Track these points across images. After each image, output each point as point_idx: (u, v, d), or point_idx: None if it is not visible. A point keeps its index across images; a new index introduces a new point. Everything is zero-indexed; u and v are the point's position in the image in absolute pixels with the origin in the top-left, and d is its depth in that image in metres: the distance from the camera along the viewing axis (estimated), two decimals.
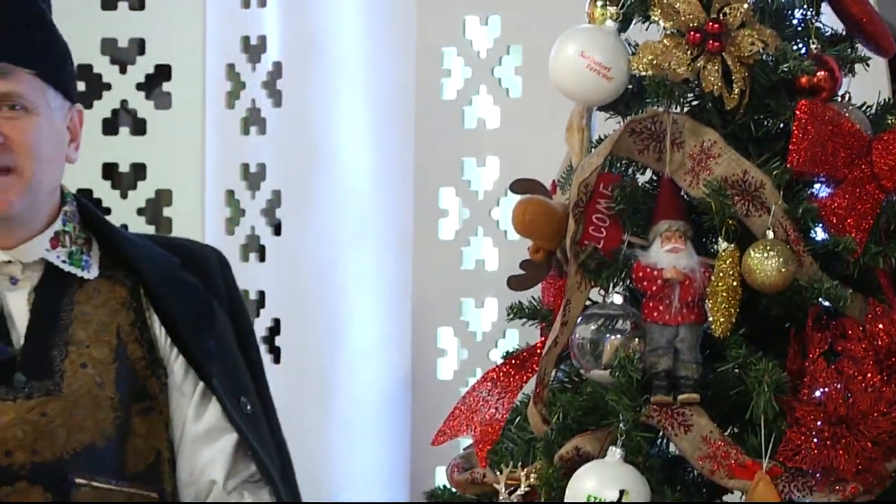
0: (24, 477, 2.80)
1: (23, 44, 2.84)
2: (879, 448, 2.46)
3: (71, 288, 2.91)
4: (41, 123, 2.84)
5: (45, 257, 2.90)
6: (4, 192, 2.82)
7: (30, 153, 2.82)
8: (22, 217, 2.86)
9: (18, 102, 2.82)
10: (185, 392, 2.93)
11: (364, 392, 3.74)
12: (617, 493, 2.50)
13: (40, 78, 2.85)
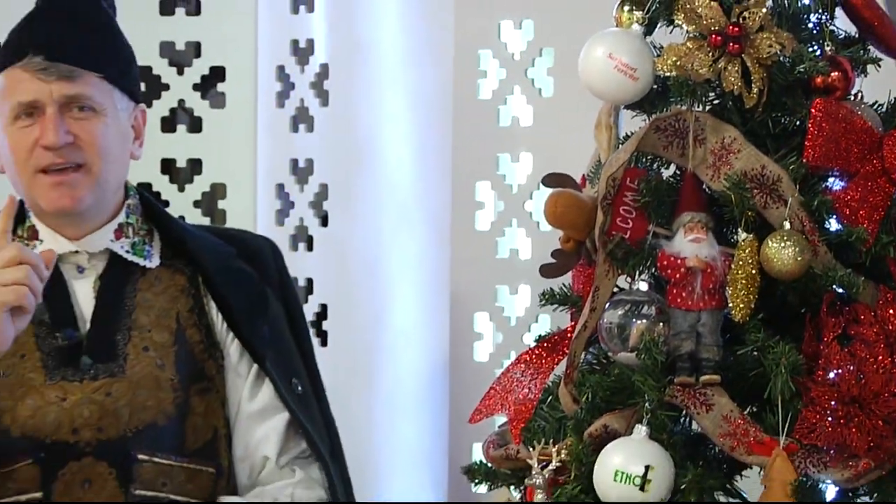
0: (91, 453, 2.81)
1: (92, 48, 2.85)
2: (890, 426, 2.46)
3: (134, 276, 2.92)
4: (108, 124, 2.85)
5: (110, 247, 2.91)
6: (74, 189, 2.83)
7: (98, 152, 2.83)
8: (90, 211, 2.88)
9: (87, 104, 2.82)
10: (240, 373, 2.94)
11: (405, 373, 3.74)
12: (643, 468, 2.50)
13: (107, 81, 2.85)
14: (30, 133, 2.81)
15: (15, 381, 2.83)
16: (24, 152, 2.82)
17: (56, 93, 2.80)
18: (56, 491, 2.80)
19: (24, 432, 2.82)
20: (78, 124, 2.82)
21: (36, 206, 2.88)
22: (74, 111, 2.82)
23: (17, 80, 2.81)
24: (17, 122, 2.82)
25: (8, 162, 2.86)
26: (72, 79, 2.81)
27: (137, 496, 2.82)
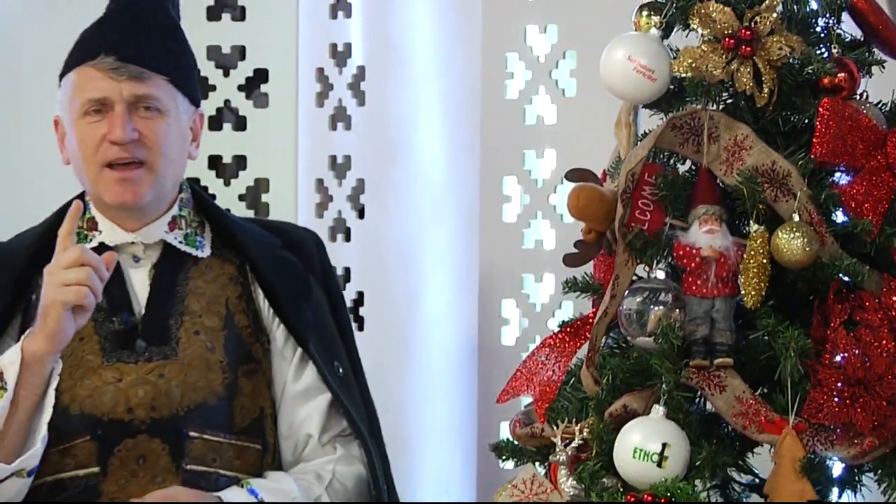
0: (145, 430, 2.82)
1: (160, 52, 2.86)
2: (893, 406, 2.46)
3: (186, 265, 2.93)
4: (170, 124, 2.86)
5: (165, 238, 2.92)
6: (137, 185, 2.85)
7: (159, 150, 2.85)
8: (149, 207, 2.89)
9: (153, 104, 2.84)
10: (285, 356, 2.94)
11: (437, 356, 3.75)
12: (660, 446, 2.50)
13: (172, 84, 2.87)
14: (98, 128, 2.82)
15: (74, 363, 2.85)
16: (92, 146, 2.83)
17: (126, 92, 2.81)
18: (112, 466, 2.81)
19: (82, 411, 2.83)
20: (143, 123, 2.83)
21: (98, 198, 2.89)
22: (141, 110, 2.83)
23: (89, 78, 2.83)
24: (85, 117, 2.83)
25: (75, 154, 2.87)
26: (141, 79, 2.82)
27: (189, 471, 2.83)
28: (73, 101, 2.84)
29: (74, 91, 2.84)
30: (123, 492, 2.80)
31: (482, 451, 3.54)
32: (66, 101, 2.87)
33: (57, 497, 2.83)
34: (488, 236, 3.69)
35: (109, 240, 2.91)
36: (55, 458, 2.83)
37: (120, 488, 2.81)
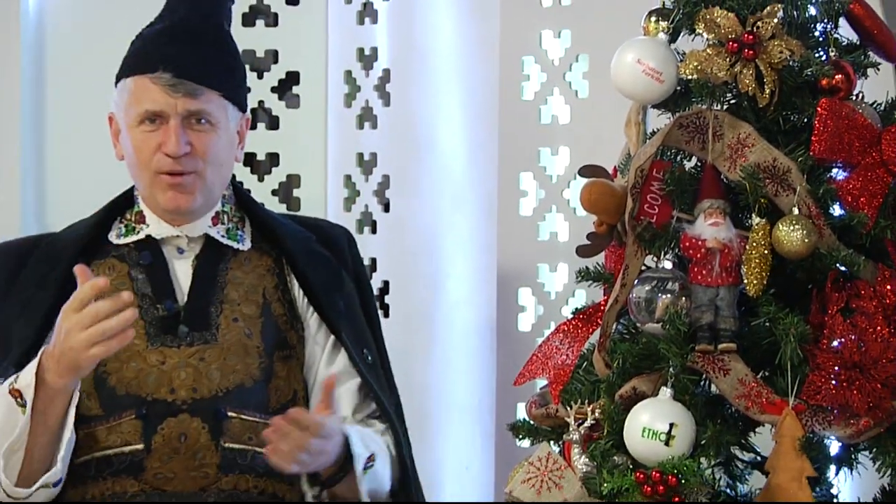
0: (186, 410, 2.83)
1: (215, 68, 2.87)
2: (888, 389, 2.45)
3: (226, 257, 2.94)
4: (220, 135, 2.87)
5: (208, 232, 2.94)
6: (188, 192, 2.86)
7: (210, 160, 2.86)
8: (200, 209, 2.90)
9: (206, 118, 2.85)
10: (318, 342, 2.95)
11: (458, 340, 3.75)
12: (667, 426, 2.50)
13: (224, 97, 2.87)
14: (153, 138, 2.83)
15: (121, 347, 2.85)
16: (147, 154, 2.85)
17: (180, 107, 2.82)
18: (155, 443, 2.82)
19: (128, 391, 2.84)
20: (196, 135, 2.84)
21: (152, 199, 2.90)
22: (194, 123, 2.84)
23: (146, 90, 2.83)
24: (141, 125, 2.84)
25: (130, 159, 2.88)
26: (195, 96, 2.83)
27: (227, 448, 2.83)
28: (130, 108, 2.85)
29: (131, 99, 2.85)
30: (166, 467, 2.81)
31: (500, 431, 3.55)
32: (122, 105, 2.88)
33: (104, 472, 2.84)
34: (506, 229, 3.68)
35: (156, 233, 2.93)
36: (102, 435, 2.84)
37: (162, 464, 2.81)
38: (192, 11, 2.91)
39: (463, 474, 3.69)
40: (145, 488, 2.82)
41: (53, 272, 2.91)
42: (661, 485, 2.44)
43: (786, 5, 2.62)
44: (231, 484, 2.83)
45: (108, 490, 2.83)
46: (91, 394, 2.85)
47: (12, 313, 2.90)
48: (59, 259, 2.93)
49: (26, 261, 2.96)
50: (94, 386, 2.85)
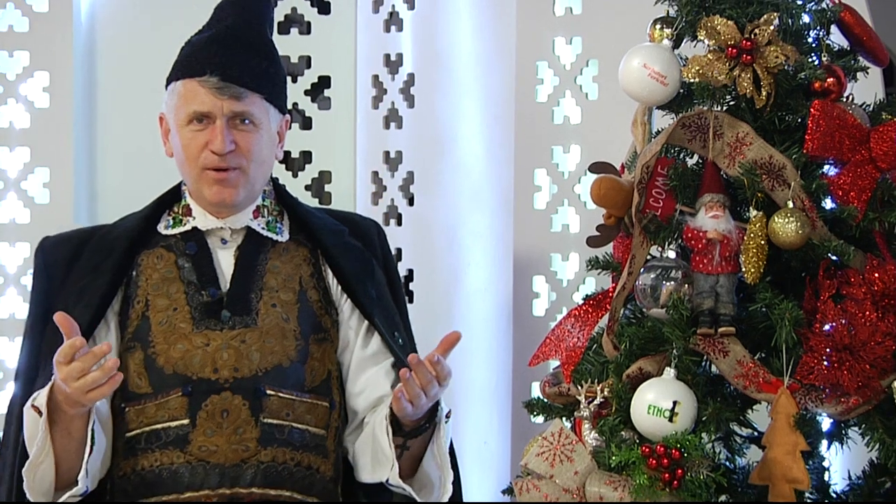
0: (228, 388, 2.84)
1: (258, 73, 2.87)
2: (875, 369, 2.45)
3: (266, 247, 2.95)
4: (262, 135, 2.88)
5: (249, 225, 2.94)
6: (232, 187, 2.87)
7: (252, 158, 2.87)
8: (242, 203, 2.91)
9: (249, 119, 2.86)
10: (352, 327, 2.96)
11: (477, 325, 3.74)
12: (671, 403, 2.50)
13: (266, 99, 2.88)
14: (200, 136, 2.84)
15: (168, 329, 2.86)
16: (195, 151, 2.85)
17: (226, 108, 2.83)
18: (200, 419, 2.83)
19: (175, 370, 2.85)
20: (240, 135, 2.85)
21: (199, 193, 2.91)
22: (238, 123, 2.85)
23: (194, 93, 2.84)
24: (190, 125, 2.85)
25: (179, 156, 2.89)
26: (240, 98, 2.83)
27: (266, 423, 2.84)
28: (179, 109, 2.86)
29: (180, 101, 2.86)
30: (209, 441, 2.82)
31: (516, 408, 3.54)
32: (172, 106, 2.89)
33: (153, 444, 2.85)
34: (521, 221, 3.68)
35: (201, 225, 2.93)
36: (151, 411, 2.85)
37: (206, 438, 2.82)
38: (238, 20, 2.92)
39: (482, 448, 3.69)
40: (190, 459, 2.82)
41: (107, 260, 2.92)
42: (666, 458, 2.44)
43: (781, 14, 2.61)
44: (270, 456, 2.83)
45: (156, 461, 2.84)
46: (141, 373, 2.86)
47: (70, 300, 2.90)
48: (112, 249, 2.94)
49: (82, 250, 2.97)
50: (144, 366, 2.86)
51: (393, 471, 2.77)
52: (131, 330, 2.89)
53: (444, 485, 2.83)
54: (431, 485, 2.84)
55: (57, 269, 2.96)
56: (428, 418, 2.79)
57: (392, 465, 2.77)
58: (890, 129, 2.59)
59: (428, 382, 2.67)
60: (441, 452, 2.82)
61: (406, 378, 2.66)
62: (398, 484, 2.79)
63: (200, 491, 2.81)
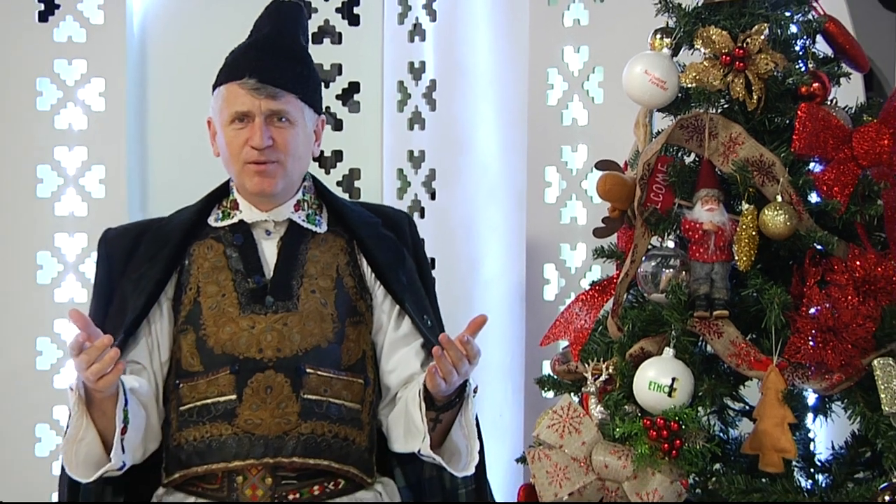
0: (271, 367, 2.84)
1: (293, 75, 2.88)
2: (857, 349, 2.45)
3: (306, 238, 2.95)
4: (298, 132, 2.88)
5: (291, 217, 2.95)
6: (271, 178, 2.88)
7: (289, 153, 2.87)
8: (280, 194, 2.91)
9: (285, 117, 2.86)
10: (384, 311, 2.96)
11: (493, 308, 3.74)
12: (670, 380, 2.50)
13: (301, 99, 2.88)
14: (242, 134, 2.85)
15: (217, 313, 2.87)
16: (237, 148, 2.86)
17: (264, 107, 2.83)
18: (246, 394, 2.83)
19: (223, 351, 2.85)
20: (277, 131, 2.85)
21: (242, 186, 2.92)
22: (275, 121, 2.85)
23: (235, 94, 2.85)
24: (232, 124, 2.86)
25: (224, 153, 2.91)
26: (276, 97, 2.84)
27: (306, 399, 2.84)
28: (223, 111, 2.87)
29: (223, 103, 2.87)
30: (255, 415, 2.83)
31: (529, 384, 3.55)
32: (217, 109, 2.90)
33: (203, 418, 2.86)
34: (533, 214, 3.68)
35: (247, 217, 2.94)
36: (202, 387, 2.86)
37: (252, 412, 2.83)
38: (274, 29, 2.93)
39: (497, 421, 3.69)
40: (237, 431, 2.83)
41: (162, 251, 2.93)
42: (665, 430, 2.44)
43: (771, 24, 2.61)
44: (309, 429, 2.84)
45: (206, 433, 2.85)
46: (193, 353, 2.87)
47: (128, 287, 2.92)
48: (167, 240, 2.95)
49: (140, 241, 2.98)
50: (195, 347, 2.87)
51: (424, 442, 2.78)
52: (184, 314, 2.90)
53: (472, 453, 2.84)
54: (459, 453, 2.85)
55: (118, 258, 2.97)
56: (458, 394, 2.79)
57: (424, 438, 2.78)
58: (870, 130, 2.58)
59: (459, 360, 2.67)
60: (469, 424, 2.83)
61: (439, 356, 2.66)
62: (429, 454, 2.80)
63: (246, 460, 2.82)
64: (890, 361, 2.43)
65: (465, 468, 2.84)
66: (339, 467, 2.86)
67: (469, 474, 2.86)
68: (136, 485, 2.93)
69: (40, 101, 3.65)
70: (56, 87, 3.66)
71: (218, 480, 2.85)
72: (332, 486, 2.87)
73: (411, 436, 2.84)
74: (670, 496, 2.41)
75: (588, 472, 2.48)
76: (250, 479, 2.83)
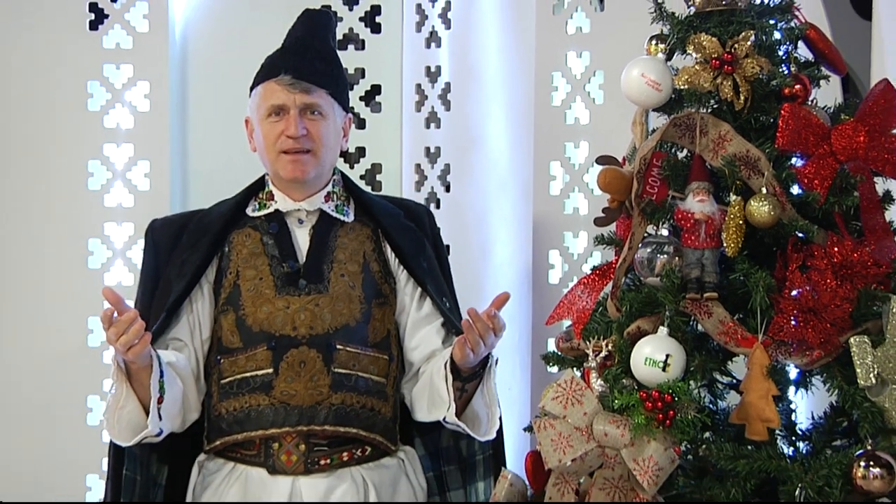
0: (305, 343, 2.86)
1: (323, 73, 2.89)
2: (835, 328, 2.44)
3: (335, 227, 2.96)
4: (328, 125, 2.89)
5: (322, 207, 2.96)
6: (304, 165, 2.89)
7: (320, 142, 2.88)
8: (312, 182, 2.93)
9: (317, 110, 2.88)
10: (407, 293, 2.98)
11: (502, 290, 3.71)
12: (664, 356, 2.49)
13: (331, 95, 2.89)
14: (277, 126, 2.87)
15: (256, 295, 2.89)
16: (273, 139, 2.88)
17: (298, 101, 2.85)
18: (281, 368, 2.85)
19: (261, 329, 2.87)
20: (310, 123, 2.87)
21: (276, 175, 2.93)
22: (308, 114, 2.87)
23: (272, 91, 2.87)
24: (269, 118, 2.88)
25: (261, 145, 2.92)
26: (309, 92, 2.86)
27: (336, 372, 2.85)
28: (260, 106, 2.89)
29: (261, 100, 2.89)
30: (290, 387, 2.84)
31: (535, 360, 3.55)
32: (254, 106, 2.92)
33: (243, 389, 2.87)
34: (539, 205, 3.68)
35: (282, 207, 2.96)
36: (241, 362, 2.87)
37: (287, 384, 2.84)
38: (306, 32, 2.95)
39: (506, 394, 3.69)
40: (273, 402, 2.84)
41: (203, 239, 2.95)
42: (660, 401, 2.44)
43: (757, 31, 2.60)
44: (339, 399, 2.85)
45: (245, 403, 2.86)
46: (234, 331, 2.89)
47: (172, 272, 2.93)
48: (208, 229, 2.96)
49: (183, 231, 3.00)
50: (235, 325, 2.89)
51: (450, 411, 2.79)
52: (224, 296, 2.91)
53: (493, 419, 2.85)
54: (480, 420, 2.87)
55: (163, 247, 2.99)
56: (481, 366, 2.80)
57: (449, 406, 2.79)
58: (847, 128, 2.57)
59: (486, 332, 2.68)
60: (490, 393, 2.85)
61: (468, 327, 2.68)
62: (454, 421, 2.81)
63: (282, 428, 2.83)
64: (865, 339, 2.43)
65: (486, 433, 2.86)
66: (367, 435, 2.87)
67: (490, 438, 2.88)
68: (179, 453, 2.95)
69: (91, 102, 3.66)
70: (105, 89, 3.67)
71: (256, 447, 2.87)
72: (359, 452, 2.88)
73: (435, 406, 2.85)
74: (664, 462, 2.42)
75: (589, 439, 2.48)
76: (285, 445, 2.84)
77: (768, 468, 2.41)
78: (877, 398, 2.42)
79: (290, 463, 2.84)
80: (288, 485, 2.83)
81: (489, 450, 2.98)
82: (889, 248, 2.57)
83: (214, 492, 2.89)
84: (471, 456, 3.01)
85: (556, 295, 3.37)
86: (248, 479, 2.86)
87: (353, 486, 2.85)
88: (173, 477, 2.95)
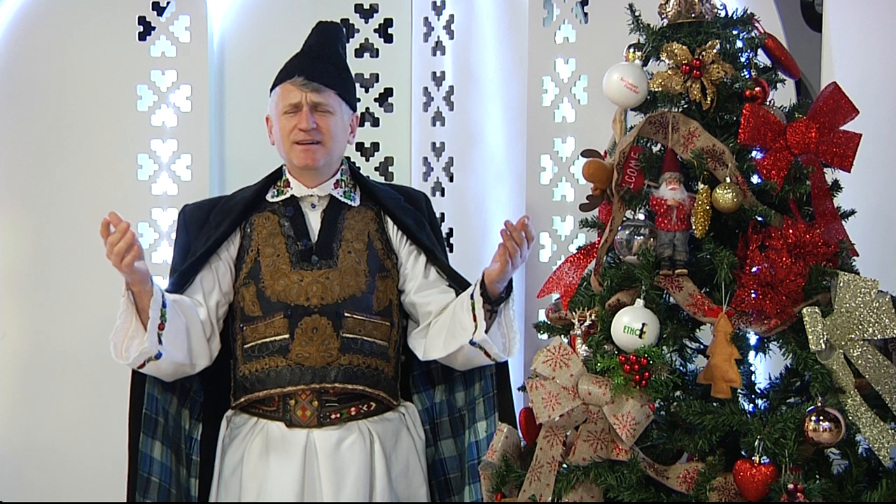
0: (317, 312, 2.86)
1: (333, 76, 2.90)
2: (790, 300, 2.44)
3: (343, 210, 2.96)
4: (336, 120, 2.90)
5: (332, 193, 2.97)
6: (314, 154, 2.90)
7: (329, 135, 2.89)
8: (322, 170, 2.93)
9: (326, 108, 2.89)
10: (410, 265, 2.98)
11: None
12: (641, 325, 2.49)
13: (339, 95, 2.90)
14: (292, 121, 2.89)
15: (274, 269, 2.89)
16: (288, 131, 2.89)
17: (309, 99, 2.86)
18: (297, 334, 2.86)
19: (278, 299, 2.88)
20: (320, 118, 2.88)
21: (291, 164, 2.94)
22: (318, 110, 2.88)
23: (288, 91, 2.88)
24: (285, 114, 2.90)
25: (278, 139, 2.94)
26: (319, 92, 2.87)
27: (345, 337, 2.86)
28: (278, 104, 2.90)
29: (278, 99, 2.90)
30: (304, 350, 2.85)
31: (528, 328, 3.55)
32: (273, 105, 2.93)
33: (263, 353, 2.87)
34: (531, 193, 3.68)
35: (297, 193, 2.96)
36: (261, 329, 2.88)
37: (301, 348, 2.85)
38: (318, 41, 2.97)
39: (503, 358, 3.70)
40: (290, 363, 2.85)
41: (226, 219, 2.97)
42: (637, 364, 2.44)
43: (722, 40, 2.59)
44: (348, 360, 2.86)
45: (265, 365, 2.87)
46: (254, 301, 2.89)
47: (199, 246, 2.95)
48: (232, 210, 2.98)
49: (210, 212, 3.01)
50: (256, 296, 2.89)
51: (478, 330, 2.79)
52: (246, 271, 2.92)
53: (512, 341, 2.87)
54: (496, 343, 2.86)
55: (193, 227, 3.01)
56: (505, 291, 2.80)
57: (477, 328, 2.78)
58: (801, 125, 2.57)
59: (521, 241, 2.69)
60: (509, 320, 2.85)
61: (507, 236, 2.67)
62: (482, 339, 2.81)
63: (298, 386, 2.85)
64: (815, 310, 2.42)
65: (505, 352, 2.86)
66: (372, 391, 2.88)
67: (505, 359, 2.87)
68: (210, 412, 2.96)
69: (140, 103, 3.67)
70: (152, 92, 3.67)
71: (275, 403, 2.88)
72: (365, 407, 2.90)
73: (454, 337, 2.85)
74: (640, 417, 2.42)
75: (575, 398, 2.48)
76: (301, 401, 2.86)
77: (731, 422, 2.41)
78: (826, 361, 2.42)
79: (304, 417, 2.85)
80: (303, 436, 2.84)
81: (491, 391, 2.98)
82: (837, 230, 2.57)
83: (241, 442, 2.90)
84: (471, 402, 3.01)
85: (546, 271, 3.37)
86: (268, 431, 2.88)
87: (361, 437, 2.86)
88: (206, 432, 2.96)
